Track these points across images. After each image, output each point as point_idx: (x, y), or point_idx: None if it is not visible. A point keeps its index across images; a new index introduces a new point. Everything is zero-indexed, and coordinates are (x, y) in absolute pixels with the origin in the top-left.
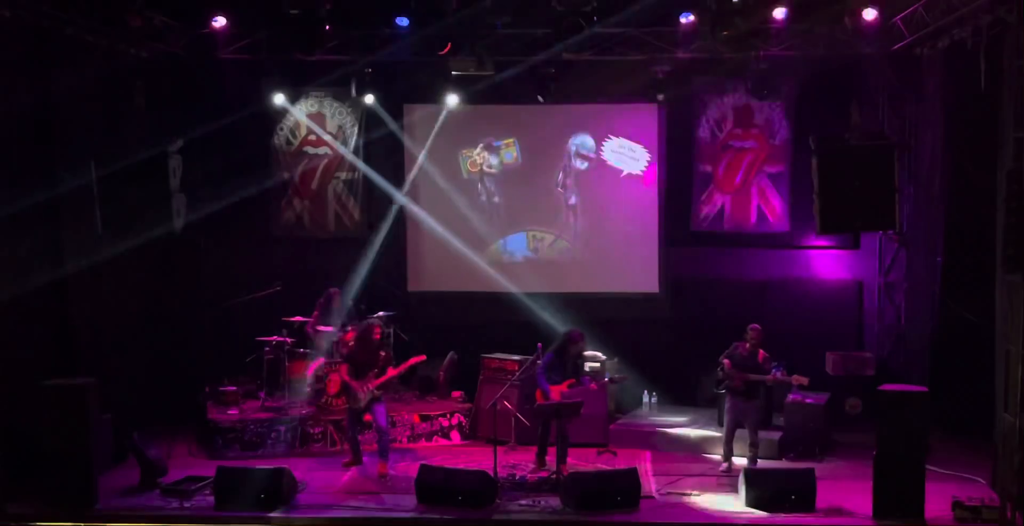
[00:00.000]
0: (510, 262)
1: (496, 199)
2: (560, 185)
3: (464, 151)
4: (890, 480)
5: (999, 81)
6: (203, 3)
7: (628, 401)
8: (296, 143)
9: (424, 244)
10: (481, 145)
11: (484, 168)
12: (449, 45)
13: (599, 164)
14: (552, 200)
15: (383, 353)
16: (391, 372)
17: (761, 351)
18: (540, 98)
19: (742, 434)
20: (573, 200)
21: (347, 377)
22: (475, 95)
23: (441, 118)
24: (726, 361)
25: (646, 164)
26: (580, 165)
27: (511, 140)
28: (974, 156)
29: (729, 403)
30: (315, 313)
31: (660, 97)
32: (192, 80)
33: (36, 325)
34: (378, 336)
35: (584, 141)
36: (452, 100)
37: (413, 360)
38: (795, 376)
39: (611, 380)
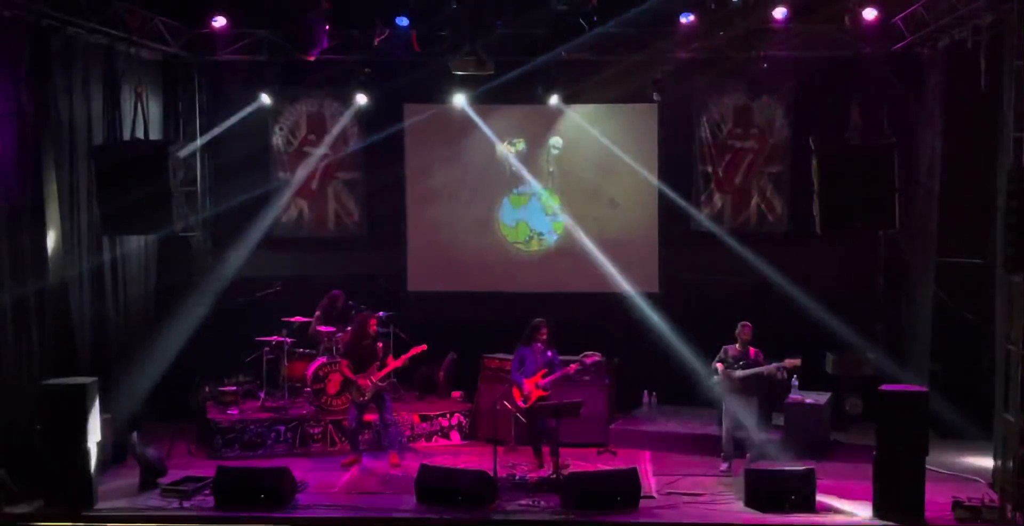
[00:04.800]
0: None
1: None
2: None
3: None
4: (890, 480)
5: (999, 81)
6: (203, 3)
7: (628, 400)
8: (296, 143)
9: (424, 244)
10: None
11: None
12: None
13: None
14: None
15: (380, 344)
16: (393, 363)
17: (752, 349)
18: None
19: (742, 434)
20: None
21: (348, 372)
22: (476, 95)
23: (446, 116)
24: (719, 365)
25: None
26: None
27: (521, 139)
28: (974, 156)
29: (728, 403)
30: (316, 313)
31: (656, 97)
32: (192, 80)
33: (36, 325)
34: (374, 328)
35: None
36: (457, 99)
37: (415, 350)
38: (787, 360)
39: (583, 363)
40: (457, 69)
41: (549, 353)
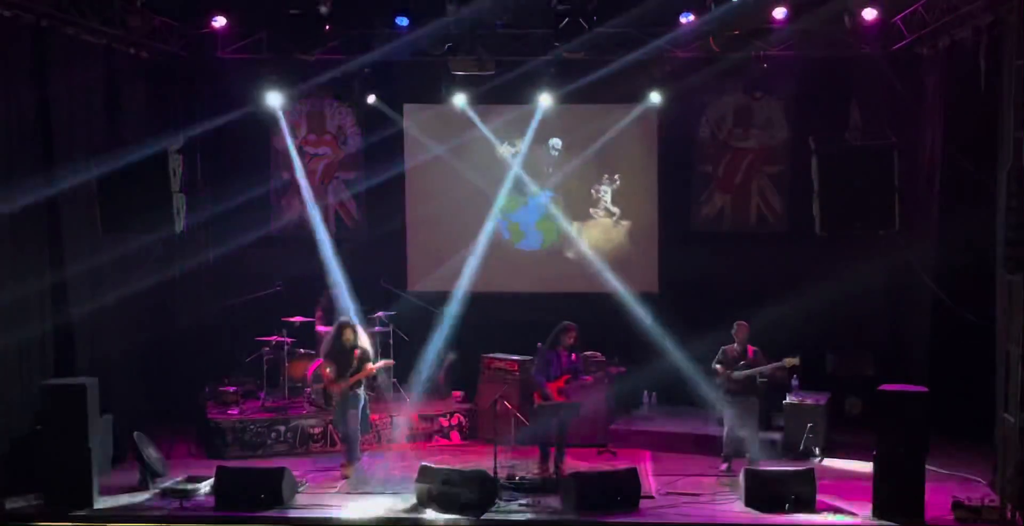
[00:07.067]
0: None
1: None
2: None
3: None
4: (890, 480)
5: (999, 81)
6: (203, 3)
7: (628, 400)
8: (296, 143)
9: (424, 244)
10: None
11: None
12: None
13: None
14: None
15: (357, 352)
16: (369, 369)
17: (751, 347)
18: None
19: (742, 434)
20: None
21: (327, 375)
22: (476, 95)
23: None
24: (718, 367)
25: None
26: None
27: (521, 139)
28: (974, 156)
29: (727, 403)
30: (318, 313)
31: (653, 97)
32: (192, 80)
33: (36, 325)
34: (348, 336)
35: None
36: (457, 99)
37: (382, 363)
38: (785, 359)
39: (607, 373)
40: (457, 69)
41: (573, 357)
